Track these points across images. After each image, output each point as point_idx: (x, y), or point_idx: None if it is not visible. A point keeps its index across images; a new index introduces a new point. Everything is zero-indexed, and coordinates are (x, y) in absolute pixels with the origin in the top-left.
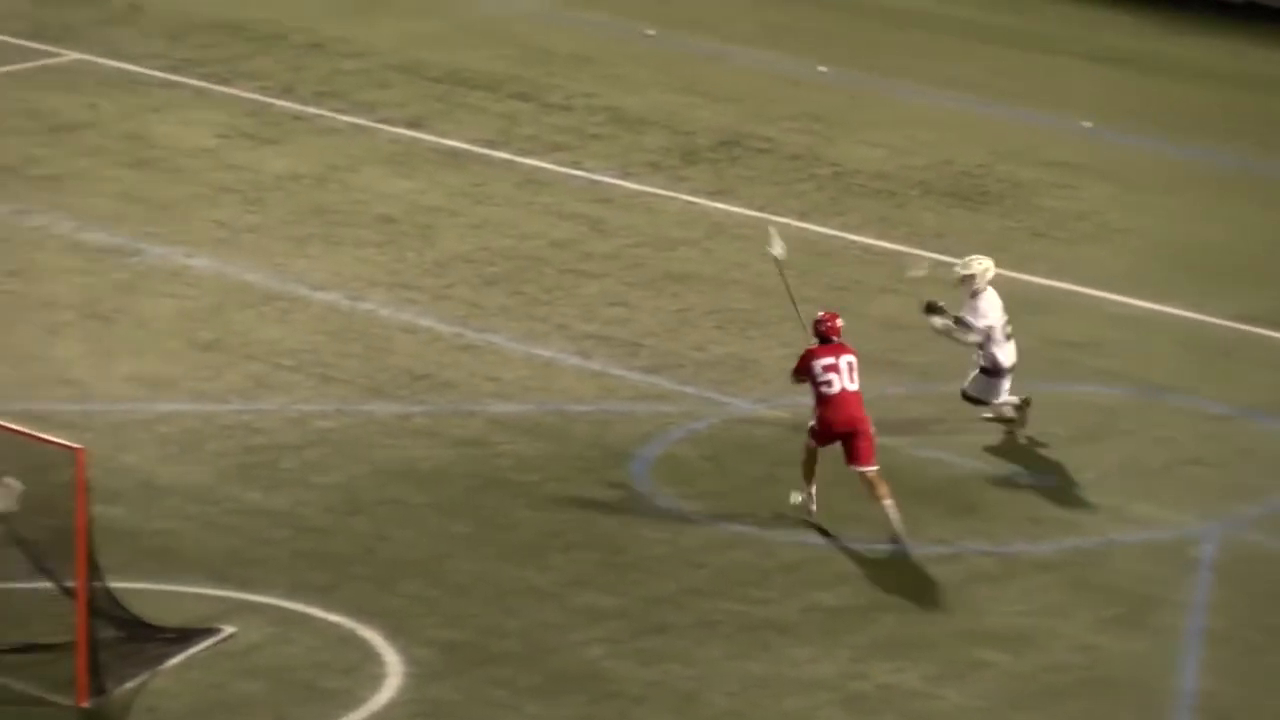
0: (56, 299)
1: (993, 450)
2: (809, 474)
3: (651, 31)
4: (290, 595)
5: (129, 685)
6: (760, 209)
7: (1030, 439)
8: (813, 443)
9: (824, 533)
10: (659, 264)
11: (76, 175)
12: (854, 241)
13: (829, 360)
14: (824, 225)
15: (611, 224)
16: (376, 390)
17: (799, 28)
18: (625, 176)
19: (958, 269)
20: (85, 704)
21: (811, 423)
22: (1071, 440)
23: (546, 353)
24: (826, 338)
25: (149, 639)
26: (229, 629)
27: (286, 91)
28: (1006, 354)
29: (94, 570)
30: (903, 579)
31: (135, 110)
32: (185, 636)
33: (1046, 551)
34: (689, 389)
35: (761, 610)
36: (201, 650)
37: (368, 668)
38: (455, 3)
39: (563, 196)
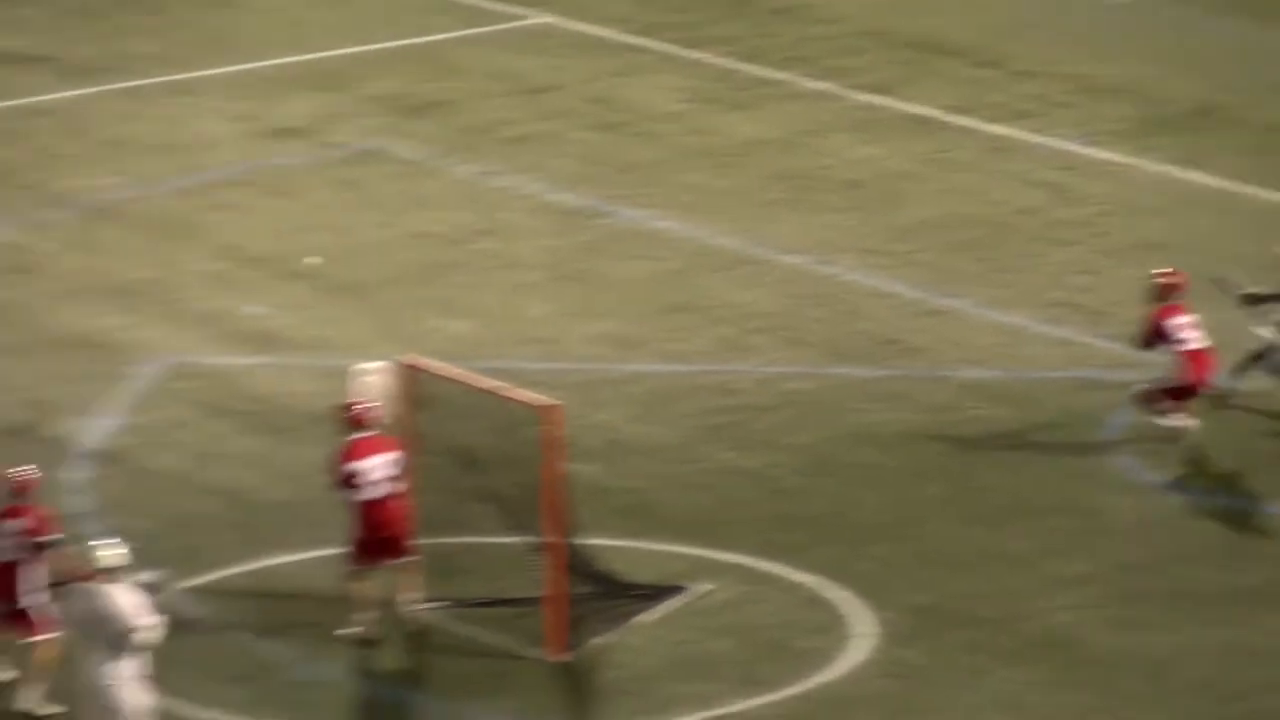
0: (524, 259)
1: None
2: (1180, 412)
3: None
4: (760, 555)
5: (599, 641)
6: (1233, 180)
7: None
8: (1169, 409)
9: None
10: (1126, 232)
11: (543, 137)
12: None
13: (1182, 319)
14: None
15: (1078, 192)
16: (844, 354)
17: None
18: (1092, 144)
19: (1277, 249)
20: (558, 658)
21: (1164, 385)
22: None
23: (1013, 319)
24: (1170, 296)
25: (621, 595)
26: (705, 586)
27: (754, 56)
28: None
29: (569, 526)
30: None
31: (601, 73)
32: (656, 594)
33: None
34: (1157, 358)
35: (1236, 579)
36: (672, 607)
37: (837, 629)
38: None
39: (1029, 163)
